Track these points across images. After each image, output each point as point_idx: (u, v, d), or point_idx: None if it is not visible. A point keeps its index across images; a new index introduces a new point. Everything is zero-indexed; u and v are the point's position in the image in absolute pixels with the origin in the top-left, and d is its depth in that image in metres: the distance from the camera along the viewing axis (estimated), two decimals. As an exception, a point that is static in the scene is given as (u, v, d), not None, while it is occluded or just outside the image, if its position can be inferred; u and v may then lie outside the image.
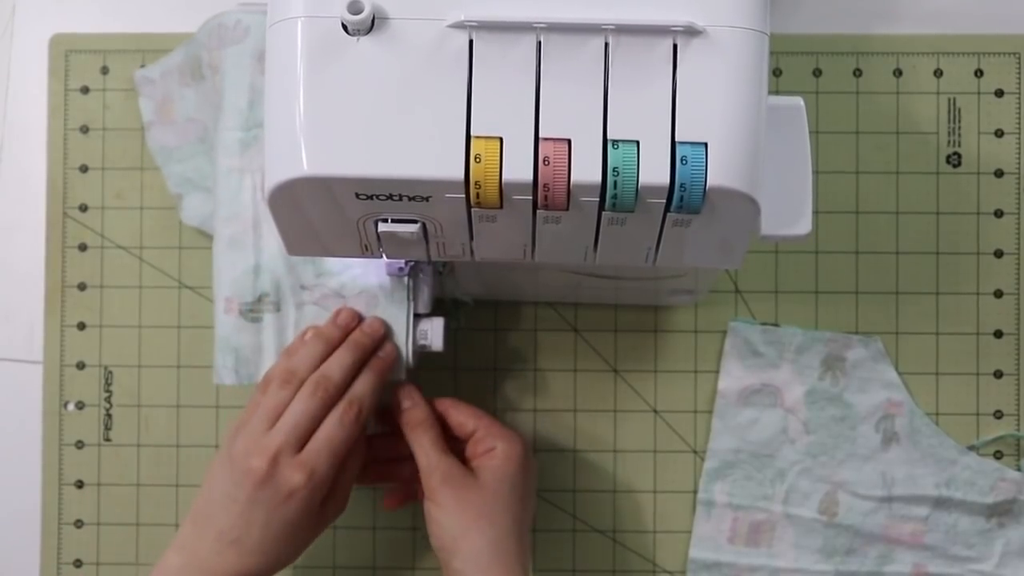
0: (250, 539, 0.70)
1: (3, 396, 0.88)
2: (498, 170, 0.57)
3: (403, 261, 0.76)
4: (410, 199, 0.59)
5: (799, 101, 0.68)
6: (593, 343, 0.87)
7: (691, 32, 0.57)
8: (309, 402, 0.72)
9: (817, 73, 0.87)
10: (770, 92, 0.60)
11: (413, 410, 0.77)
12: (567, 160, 0.57)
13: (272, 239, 0.77)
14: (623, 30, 0.57)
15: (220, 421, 0.87)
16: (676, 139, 0.57)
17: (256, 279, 0.78)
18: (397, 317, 0.77)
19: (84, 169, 0.88)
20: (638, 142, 0.57)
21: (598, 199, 0.58)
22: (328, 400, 0.72)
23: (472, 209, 0.59)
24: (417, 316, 0.78)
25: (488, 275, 0.81)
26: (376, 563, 0.87)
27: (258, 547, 0.70)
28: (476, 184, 0.57)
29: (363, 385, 0.74)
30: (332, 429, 0.72)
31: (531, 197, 0.58)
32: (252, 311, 0.77)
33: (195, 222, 0.85)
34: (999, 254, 0.86)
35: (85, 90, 0.88)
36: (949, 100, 0.87)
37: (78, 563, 0.87)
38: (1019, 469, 0.85)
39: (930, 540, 0.84)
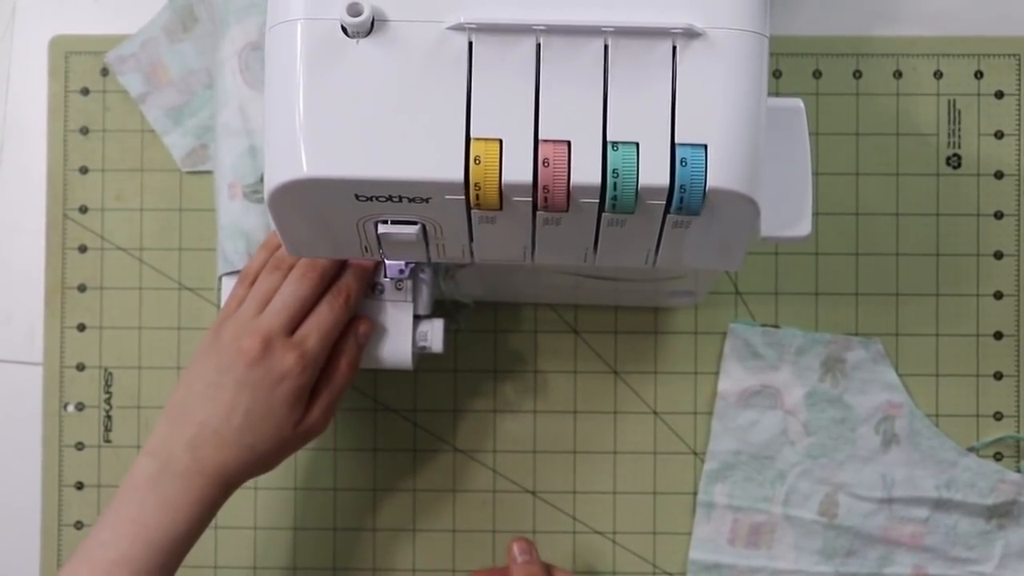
0: (230, 428, 0.68)
1: (3, 397, 0.88)
2: (498, 172, 0.57)
3: (403, 263, 0.76)
4: (410, 201, 0.59)
5: (799, 103, 0.68)
6: (593, 345, 0.87)
7: (691, 34, 0.57)
8: (299, 285, 0.71)
9: (817, 75, 0.87)
10: (770, 94, 0.60)
11: (529, 566, 0.76)
12: (567, 162, 0.57)
13: (261, 119, 0.77)
14: (623, 32, 0.57)
15: (220, 422, 0.87)
16: (676, 141, 0.57)
17: (254, 160, 0.78)
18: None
19: (84, 170, 0.88)
20: (638, 144, 0.57)
21: (598, 201, 0.58)
22: (318, 284, 0.71)
23: (472, 211, 0.59)
24: (417, 318, 0.78)
25: (488, 277, 0.81)
26: (376, 564, 0.87)
27: (237, 437, 0.69)
28: (476, 186, 0.57)
29: (350, 273, 0.73)
30: (323, 313, 0.71)
31: (531, 199, 0.58)
32: (255, 192, 0.78)
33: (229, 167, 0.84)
34: (999, 256, 0.86)
35: (85, 91, 0.88)
36: (949, 102, 0.87)
37: (78, 564, 0.87)
38: (1019, 471, 0.85)
39: (930, 542, 0.84)
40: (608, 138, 0.57)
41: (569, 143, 0.57)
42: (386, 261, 0.75)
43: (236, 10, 0.81)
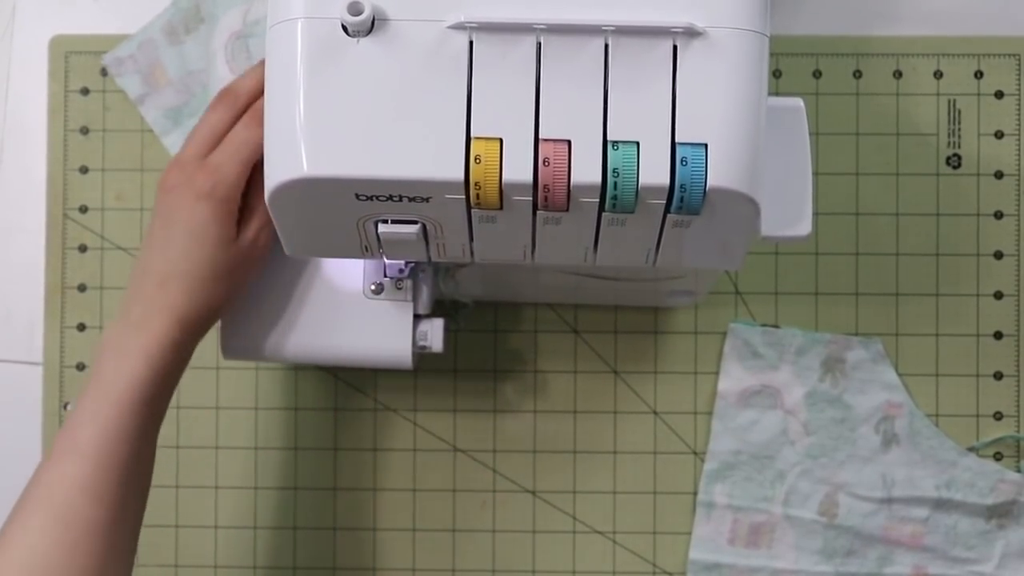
0: (166, 262, 0.69)
1: (3, 397, 0.88)
2: (498, 171, 0.57)
3: (403, 262, 0.76)
4: (410, 200, 0.59)
5: (799, 102, 0.68)
6: (593, 344, 0.87)
7: (691, 33, 0.57)
8: (212, 114, 0.72)
9: (817, 74, 0.87)
10: (770, 93, 0.60)
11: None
12: (567, 161, 0.57)
13: None
14: (623, 31, 0.57)
15: (220, 421, 0.87)
16: (676, 140, 0.57)
17: None
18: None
19: (84, 170, 0.88)
20: (638, 143, 0.57)
21: (598, 200, 0.58)
22: (230, 108, 0.72)
23: (472, 210, 0.59)
24: (417, 317, 0.78)
25: (488, 276, 0.81)
26: (376, 564, 0.87)
27: (174, 269, 0.69)
28: (476, 185, 0.57)
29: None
30: (235, 131, 0.71)
31: (531, 198, 0.58)
32: None
33: None
34: (999, 256, 0.86)
35: (85, 91, 0.88)
36: (949, 101, 0.87)
37: (78, 564, 0.87)
38: (1019, 471, 0.85)
39: (930, 541, 0.84)
40: (608, 137, 0.57)
41: (569, 142, 0.57)
42: (386, 260, 0.75)
43: (223, 2, 0.83)
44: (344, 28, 0.58)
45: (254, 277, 0.75)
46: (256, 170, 0.71)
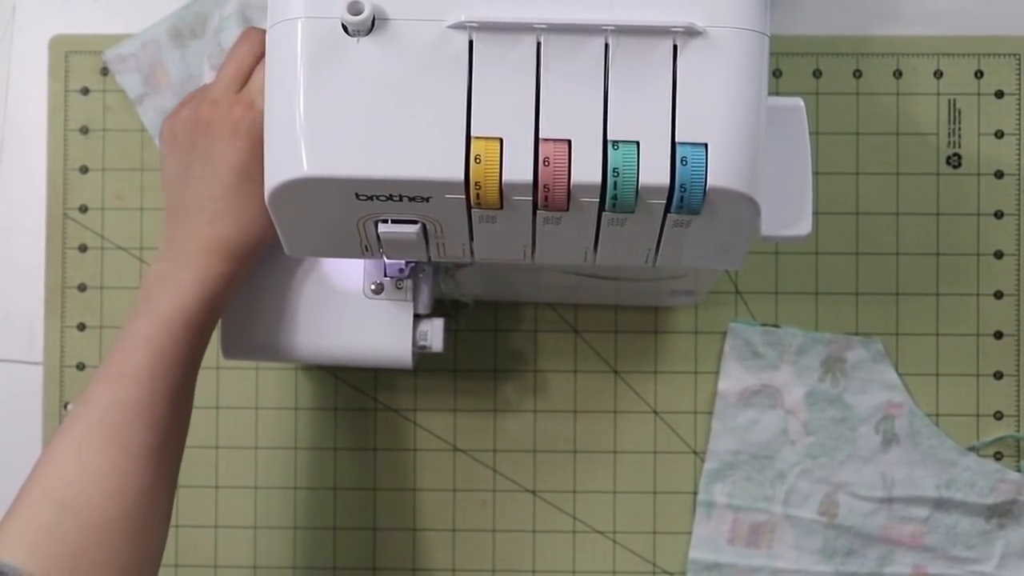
0: (213, 199, 0.69)
1: (3, 397, 0.88)
2: (498, 171, 0.57)
3: (403, 262, 0.76)
4: (410, 200, 0.59)
5: (799, 102, 0.68)
6: (593, 344, 0.87)
7: (691, 33, 0.57)
8: (238, 49, 0.71)
9: (817, 74, 0.87)
10: (770, 93, 0.60)
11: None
12: (567, 161, 0.57)
13: None
14: (623, 31, 0.57)
15: (220, 421, 0.87)
16: (676, 140, 0.57)
17: None
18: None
19: (84, 170, 0.88)
20: (638, 143, 0.57)
21: (598, 200, 0.58)
22: (261, 45, 0.71)
23: (472, 210, 0.59)
24: (417, 317, 0.78)
25: (488, 276, 0.81)
26: (376, 563, 0.87)
27: (224, 205, 0.69)
28: (476, 185, 0.57)
29: None
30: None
31: (531, 198, 0.58)
32: None
33: None
34: (999, 255, 0.86)
35: (85, 91, 0.88)
36: (949, 101, 0.87)
37: (78, 564, 0.87)
38: (1019, 470, 0.85)
39: (930, 541, 0.84)
40: (608, 137, 0.57)
41: (569, 142, 0.57)
42: (386, 260, 0.75)
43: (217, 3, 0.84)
44: (344, 28, 0.58)
45: None
46: None
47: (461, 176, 0.57)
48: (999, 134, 0.86)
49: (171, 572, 0.87)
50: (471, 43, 0.58)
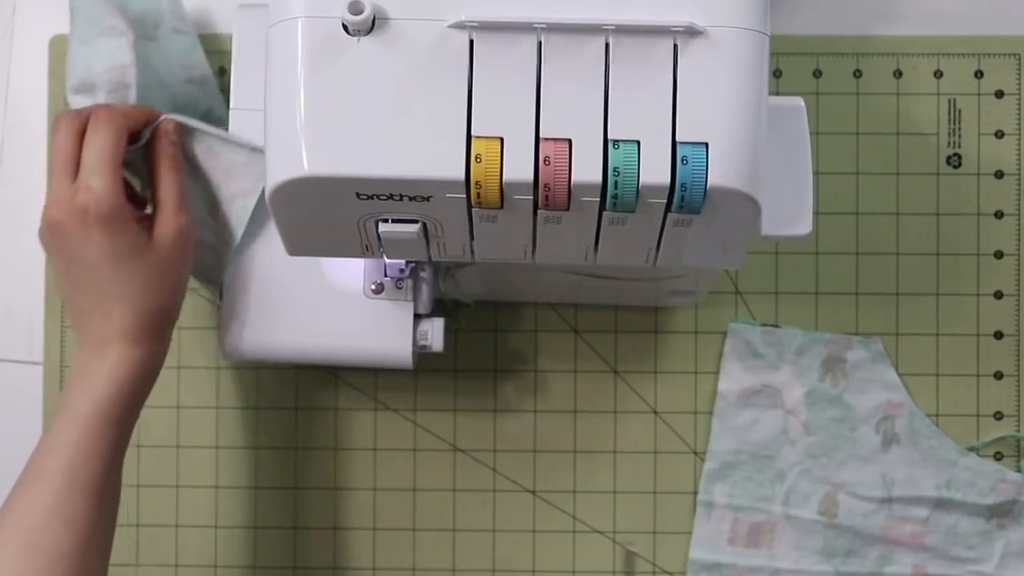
0: (99, 294, 0.69)
1: (3, 396, 0.88)
2: (499, 170, 0.57)
3: (404, 262, 0.76)
4: (411, 199, 0.59)
5: (799, 102, 0.68)
6: (593, 344, 0.87)
7: (691, 32, 0.57)
8: (57, 138, 0.69)
9: (817, 74, 0.87)
10: (770, 93, 0.60)
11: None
12: (568, 160, 0.57)
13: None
14: (624, 30, 0.57)
15: (220, 421, 0.87)
16: (677, 139, 0.57)
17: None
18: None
19: (84, 170, 0.88)
20: (639, 142, 0.57)
21: (599, 199, 0.58)
22: (77, 124, 0.69)
23: (473, 209, 0.59)
24: (417, 317, 0.78)
25: (488, 276, 0.81)
26: (376, 563, 0.87)
27: (110, 297, 0.69)
28: (477, 184, 0.57)
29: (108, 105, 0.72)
30: (89, 140, 0.69)
31: (532, 197, 0.58)
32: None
33: None
34: (999, 255, 0.86)
35: (85, 91, 0.88)
36: (949, 101, 0.87)
37: (78, 564, 0.87)
38: (1019, 470, 0.85)
39: (930, 541, 0.84)
40: (609, 136, 0.57)
41: (570, 141, 0.57)
42: (386, 260, 0.75)
43: None
44: (344, 27, 0.58)
45: (190, 260, 0.73)
46: (143, 162, 0.71)
47: (462, 175, 0.57)
48: (999, 134, 0.86)
49: (171, 572, 0.87)
50: (471, 43, 0.58)
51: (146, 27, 0.82)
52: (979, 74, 0.86)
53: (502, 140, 0.57)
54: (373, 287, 0.77)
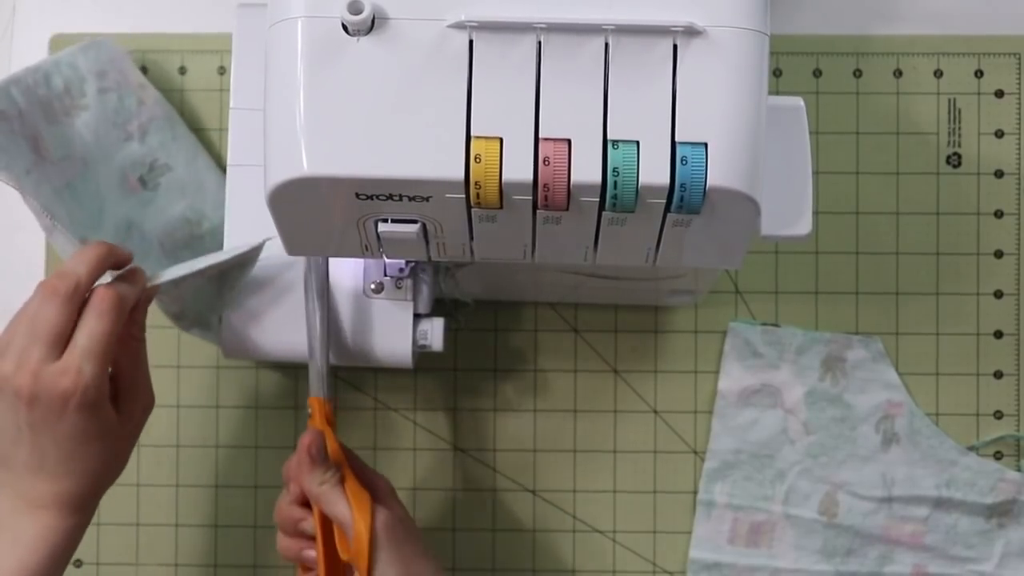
0: (51, 462, 0.66)
1: (3, 396, 0.88)
2: (498, 170, 0.57)
3: (403, 261, 0.76)
4: (410, 199, 0.59)
5: (799, 101, 0.68)
6: (593, 343, 0.87)
7: (691, 32, 0.57)
8: (52, 308, 0.67)
9: (817, 73, 0.87)
10: (770, 92, 0.60)
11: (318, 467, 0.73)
12: (567, 160, 0.57)
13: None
14: (623, 30, 0.57)
15: (220, 421, 0.87)
16: (676, 139, 0.57)
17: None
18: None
19: (84, 169, 0.88)
20: (638, 142, 0.57)
21: (598, 199, 0.58)
22: (76, 302, 0.67)
23: (472, 209, 0.59)
24: (417, 316, 0.78)
25: (488, 275, 0.81)
26: (376, 563, 0.87)
27: (63, 468, 0.66)
28: (476, 184, 0.57)
29: (116, 282, 0.69)
30: (89, 326, 0.66)
31: (531, 197, 0.58)
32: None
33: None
34: (999, 254, 0.86)
35: (85, 90, 0.88)
36: (949, 101, 0.87)
37: (78, 563, 0.87)
38: (1019, 470, 0.85)
39: (930, 541, 0.84)
40: (608, 136, 0.57)
41: (569, 141, 0.57)
42: (386, 260, 0.75)
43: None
44: (344, 27, 0.58)
45: (135, 440, 0.72)
46: (119, 342, 0.68)
47: (461, 175, 0.57)
48: (999, 133, 0.86)
49: (171, 571, 0.87)
50: (471, 42, 0.58)
51: (73, 98, 0.81)
52: (979, 74, 0.86)
53: (501, 140, 0.57)
54: (373, 287, 0.78)
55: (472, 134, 0.57)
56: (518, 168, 0.57)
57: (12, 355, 0.66)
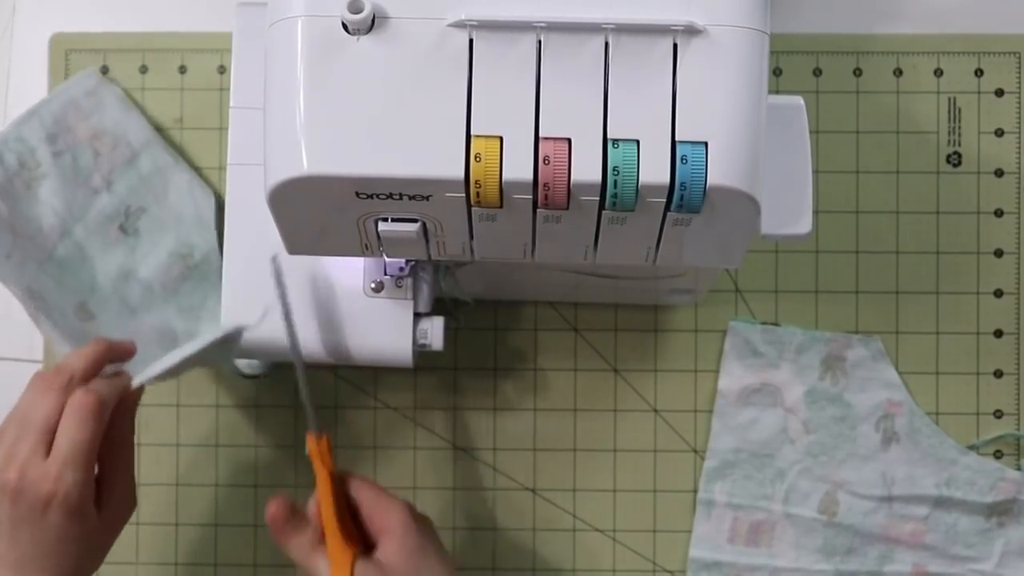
0: (28, 559, 0.66)
1: (3, 396, 0.88)
2: (498, 169, 0.57)
3: (404, 260, 0.76)
4: (410, 198, 0.59)
5: (799, 100, 0.68)
6: (593, 342, 0.87)
7: (691, 31, 0.57)
8: (46, 400, 0.68)
9: (817, 72, 0.87)
10: (770, 91, 0.60)
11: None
12: (567, 159, 0.57)
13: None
14: (623, 29, 0.57)
15: (220, 421, 0.87)
16: (676, 138, 0.57)
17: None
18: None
19: (84, 168, 0.88)
20: (638, 141, 0.57)
21: (598, 198, 0.58)
22: (56, 397, 0.68)
23: (472, 208, 0.59)
24: (417, 315, 0.78)
25: (488, 274, 0.81)
26: (376, 562, 0.87)
27: (38, 565, 0.67)
28: (476, 183, 0.57)
29: (97, 383, 0.70)
30: (72, 430, 0.67)
31: (531, 196, 0.58)
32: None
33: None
34: (999, 253, 0.86)
35: (85, 89, 0.88)
36: (949, 99, 0.87)
37: (78, 562, 0.87)
38: (1019, 469, 0.85)
39: (930, 540, 0.84)
40: (609, 135, 0.57)
41: (570, 140, 0.57)
42: (386, 259, 0.75)
43: None
44: (344, 26, 0.58)
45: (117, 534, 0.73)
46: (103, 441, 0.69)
47: (461, 174, 0.57)
48: (999, 132, 0.86)
49: (171, 570, 0.87)
50: (471, 41, 0.58)
51: (29, 170, 0.82)
52: (979, 72, 0.86)
53: (501, 139, 0.57)
54: (373, 286, 0.78)
55: (472, 133, 0.57)
56: (518, 167, 0.57)
57: (3, 447, 0.67)
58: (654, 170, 0.57)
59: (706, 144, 0.57)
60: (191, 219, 0.85)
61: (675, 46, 0.58)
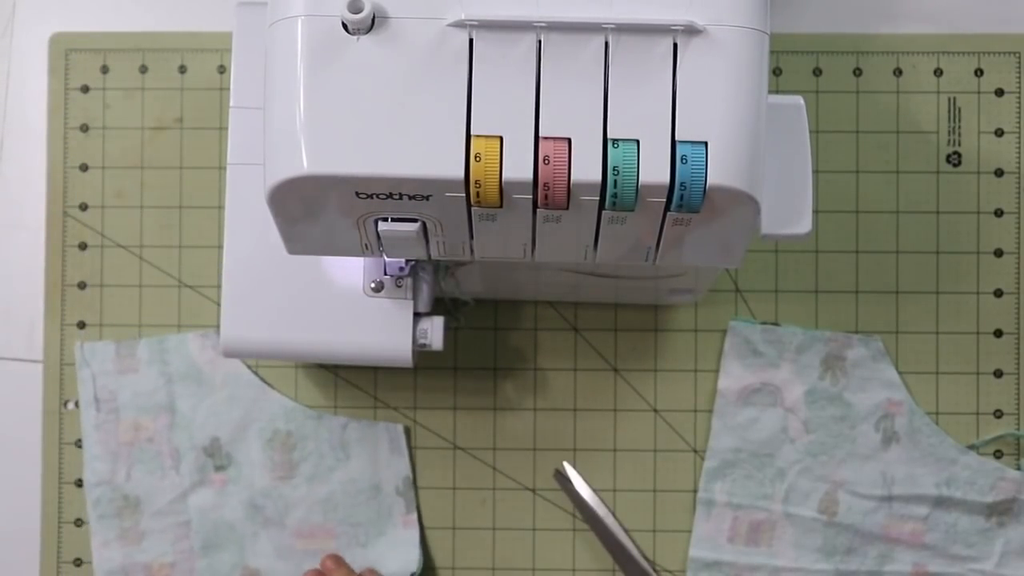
0: None
1: (3, 396, 0.88)
2: (498, 169, 0.57)
3: (403, 260, 0.76)
4: (410, 198, 0.59)
5: (799, 100, 0.68)
6: (593, 342, 0.87)
7: (691, 31, 0.57)
8: None
9: (817, 72, 0.87)
10: (770, 91, 0.60)
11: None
12: (567, 159, 0.57)
13: None
14: (623, 29, 0.57)
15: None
16: (676, 138, 0.57)
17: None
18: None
19: (84, 168, 0.88)
20: (638, 141, 0.57)
21: (598, 198, 0.58)
22: None
23: (472, 208, 0.59)
24: (417, 315, 0.78)
25: (488, 274, 0.81)
26: (376, 562, 0.87)
27: None
28: (476, 183, 0.57)
29: None
30: None
31: (531, 196, 0.58)
32: None
33: None
34: (999, 253, 0.86)
35: (85, 89, 0.88)
36: (949, 99, 0.87)
37: (78, 562, 0.87)
38: (1019, 468, 0.85)
39: (930, 539, 0.84)
40: (609, 135, 0.57)
41: (570, 140, 0.57)
42: (386, 259, 0.75)
43: None
44: (344, 26, 0.58)
45: None
46: None
47: (461, 174, 0.57)
48: (999, 132, 0.86)
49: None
50: (471, 41, 0.58)
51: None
52: (979, 72, 0.86)
53: (501, 139, 0.57)
54: (373, 285, 0.77)
55: (472, 133, 0.57)
56: (518, 167, 0.57)
57: None
58: (654, 170, 0.57)
59: (706, 144, 0.57)
60: None
61: (675, 46, 0.58)
